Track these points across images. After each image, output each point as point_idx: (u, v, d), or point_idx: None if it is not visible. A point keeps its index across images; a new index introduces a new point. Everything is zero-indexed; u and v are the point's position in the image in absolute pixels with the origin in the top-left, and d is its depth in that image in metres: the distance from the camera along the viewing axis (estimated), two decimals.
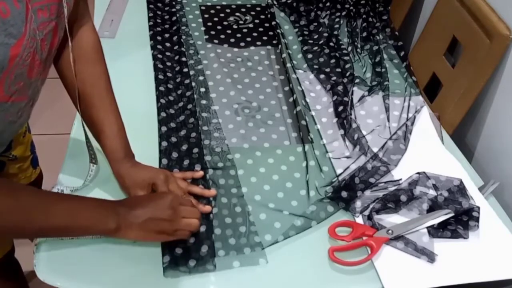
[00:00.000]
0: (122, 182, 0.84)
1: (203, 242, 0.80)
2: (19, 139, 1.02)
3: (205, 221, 0.83)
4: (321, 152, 0.98)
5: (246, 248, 0.80)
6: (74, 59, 0.80)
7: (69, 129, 0.95)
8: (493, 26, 1.03)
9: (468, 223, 0.85)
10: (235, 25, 1.32)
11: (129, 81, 1.10)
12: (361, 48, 1.27)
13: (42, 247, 0.78)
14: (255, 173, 0.93)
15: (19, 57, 0.62)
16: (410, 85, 1.16)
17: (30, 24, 0.63)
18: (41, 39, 0.67)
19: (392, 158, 0.97)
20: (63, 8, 0.69)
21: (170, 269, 0.76)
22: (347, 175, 0.93)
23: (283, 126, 1.04)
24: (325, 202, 0.88)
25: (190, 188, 0.86)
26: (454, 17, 1.17)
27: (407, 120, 1.06)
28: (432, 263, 0.80)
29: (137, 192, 0.82)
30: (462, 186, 0.90)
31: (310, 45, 1.25)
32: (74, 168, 0.89)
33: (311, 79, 1.16)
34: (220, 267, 0.78)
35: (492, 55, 1.04)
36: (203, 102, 1.07)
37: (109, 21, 1.28)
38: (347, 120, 1.03)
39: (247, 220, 0.84)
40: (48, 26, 0.68)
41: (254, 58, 1.22)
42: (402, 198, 0.88)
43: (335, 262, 0.79)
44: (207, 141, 0.98)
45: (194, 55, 1.19)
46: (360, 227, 0.84)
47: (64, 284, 0.74)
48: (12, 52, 0.60)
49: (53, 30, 0.70)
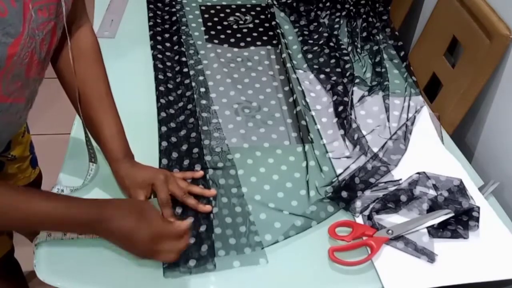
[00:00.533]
0: (122, 182, 0.83)
1: (203, 242, 0.80)
2: (18, 139, 1.02)
3: (206, 220, 0.83)
4: (321, 152, 0.98)
5: (246, 248, 0.80)
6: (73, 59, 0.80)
7: (69, 129, 0.95)
8: (493, 26, 1.03)
9: (468, 223, 0.85)
10: (235, 25, 1.32)
11: (129, 81, 1.10)
12: (361, 48, 1.27)
13: (42, 247, 0.78)
14: (255, 173, 0.93)
15: (17, 56, 0.63)
16: (410, 85, 1.16)
17: (29, 23, 0.63)
18: (41, 39, 0.67)
19: (392, 158, 0.97)
20: (62, 8, 0.69)
21: (170, 270, 0.76)
22: (347, 175, 0.93)
23: (283, 126, 1.04)
24: (325, 202, 0.88)
25: (190, 188, 0.86)
26: (454, 17, 1.17)
27: (407, 120, 1.06)
28: (432, 263, 0.80)
29: (137, 193, 0.81)
30: (462, 186, 0.90)
31: (310, 45, 1.25)
32: (74, 168, 0.89)
33: (311, 79, 1.16)
34: (220, 267, 0.78)
35: (492, 55, 1.04)
36: (203, 102, 1.07)
37: (109, 21, 1.28)
38: (347, 120, 1.03)
39: (247, 219, 0.84)
40: (47, 26, 0.68)
41: (254, 58, 1.22)
42: (402, 198, 0.88)
43: (335, 262, 0.79)
44: (207, 141, 0.98)
45: (194, 55, 1.19)
46: (360, 227, 0.84)
47: (64, 284, 0.74)
48: (9, 51, 0.61)
49: (52, 30, 0.70)
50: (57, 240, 0.77)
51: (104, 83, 0.85)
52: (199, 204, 0.84)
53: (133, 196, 0.82)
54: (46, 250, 0.77)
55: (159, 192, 0.82)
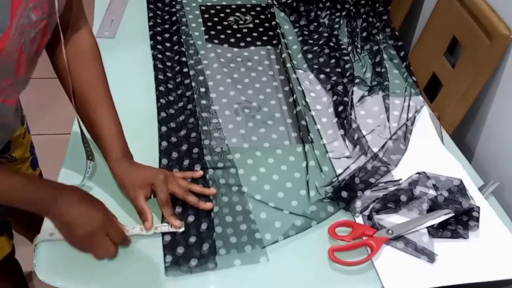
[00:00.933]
0: (121, 182, 0.83)
1: (204, 241, 0.80)
2: (19, 141, 1.02)
3: (206, 220, 0.83)
4: (321, 152, 0.98)
5: (247, 246, 0.80)
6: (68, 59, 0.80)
7: (69, 129, 0.95)
8: (493, 26, 1.03)
9: (468, 223, 0.85)
10: (235, 25, 1.32)
11: (129, 81, 1.10)
12: (361, 48, 1.27)
13: (42, 247, 0.78)
14: (255, 173, 0.93)
15: (5, 51, 0.63)
16: (410, 85, 1.16)
17: (18, 19, 0.63)
18: (32, 37, 0.68)
19: (392, 158, 0.97)
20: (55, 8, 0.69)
21: (172, 269, 0.76)
22: (347, 175, 0.93)
23: (283, 126, 1.04)
24: (325, 202, 0.88)
25: (190, 186, 0.86)
26: (454, 17, 1.17)
27: (407, 120, 1.06)
28: (432, 263, 0.80)
29: (136, 193, 0.82)
30: (462, 186, 0.90)
31: (310, 45, 1.25)
32: (74, 168, 0.89)
33: (311, 79, 1.16)
34: (221, 265, 0.78)
35: (492, 55, 1.04)
36: (203, 102, 1.07)
37: (109, 21, 1.28)
38: (347, 120, 1.03)
39: (248, 218, 0.85)
40: (40, 25, 0.69)
41: (254, 58, 1.22)
42: (402, 198, 0.88)
43: (335, 262, 0.79)
44: (207, 141, 0.98)
45: (194, 55, 1.19)
46: (360, 227, 0.84)
47: (64, 284, 0.74)
48: None
49: (43, 29, 0.71)
50: (57, 240, 0.78)
51: (104, 83, 0.85)
52: (200, 202, 0.84)
53: (132, 196, 0.82)
54: (46, 250, 0.77)
55: (158, 191, 0.82)
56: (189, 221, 0.83)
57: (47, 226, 0.79)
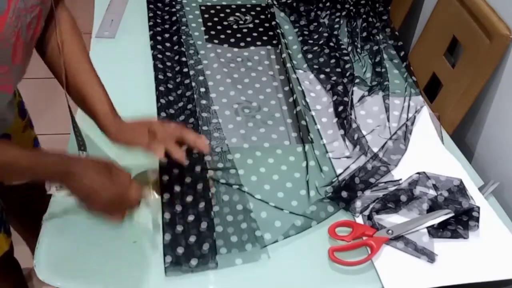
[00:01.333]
0: (121, 138, 0.82)
1: (205, 240, 0.80)
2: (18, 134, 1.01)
3: (207, 219, 0.83)
4: (321, 152, 0.98)
5: (247, 245, 0.80)
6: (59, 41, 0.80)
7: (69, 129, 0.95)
8: (493, 26, 1.03)
9: (468, 223, 0.85)
10: (235, 25, 1.32)
11: (129, 81, 1.10)
12: (361, 48, 1.27)
13: (42, 247, 0.78)
14: (255, 173, 0.93)
15: (3, 35, 0.63)
16: (410, 85, 1.16)
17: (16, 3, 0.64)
18: (28, 22, 0.69)
19: (392, 158, 0.97)
20: None
21: (172, 269, 0.76)
22: (347, 175, 0.93)
23: (283, 126, 1.04)
24: (325, 202, 0.88)
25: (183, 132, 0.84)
26: (454, 17, 1.17)
27: (407, 120, 1.06)
28: (432, 263, 0.80)
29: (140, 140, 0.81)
30: (462, 186, 0.90)
31: (310, 45, 1.25)
32: None
33: (311, 79, 1.16)
34: (222, 264, 0.78)
35: (492, 55, 1.04)
36: (203, 102, 1.07)
37: (109, 21, 1.28)
38: (347, 120, 1.03)
39: (249, 216, 0.85)
40: (35, 10, 0.70)
41: (254, 58, 1.22)
42: (402, 198, 0.88)
43: (335, 262, 0.79)
44: (207, 141, 0.98)
45: (194, 55, 1.19)
46: (360, 227, 0.84)
47: (64, 284, 0.74)
48: None
49: (38, 15, 0.72)
50: (57, 240, 0.78)
51: (87, 57, 0.85)
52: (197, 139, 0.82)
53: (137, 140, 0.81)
54: (46, 250, 0.77)
55: (158, 131, 0.81)
56: (189, 220, 0.83)
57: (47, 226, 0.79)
